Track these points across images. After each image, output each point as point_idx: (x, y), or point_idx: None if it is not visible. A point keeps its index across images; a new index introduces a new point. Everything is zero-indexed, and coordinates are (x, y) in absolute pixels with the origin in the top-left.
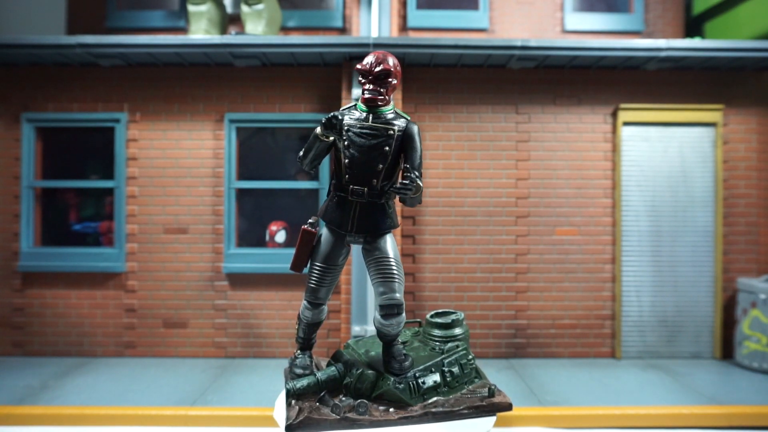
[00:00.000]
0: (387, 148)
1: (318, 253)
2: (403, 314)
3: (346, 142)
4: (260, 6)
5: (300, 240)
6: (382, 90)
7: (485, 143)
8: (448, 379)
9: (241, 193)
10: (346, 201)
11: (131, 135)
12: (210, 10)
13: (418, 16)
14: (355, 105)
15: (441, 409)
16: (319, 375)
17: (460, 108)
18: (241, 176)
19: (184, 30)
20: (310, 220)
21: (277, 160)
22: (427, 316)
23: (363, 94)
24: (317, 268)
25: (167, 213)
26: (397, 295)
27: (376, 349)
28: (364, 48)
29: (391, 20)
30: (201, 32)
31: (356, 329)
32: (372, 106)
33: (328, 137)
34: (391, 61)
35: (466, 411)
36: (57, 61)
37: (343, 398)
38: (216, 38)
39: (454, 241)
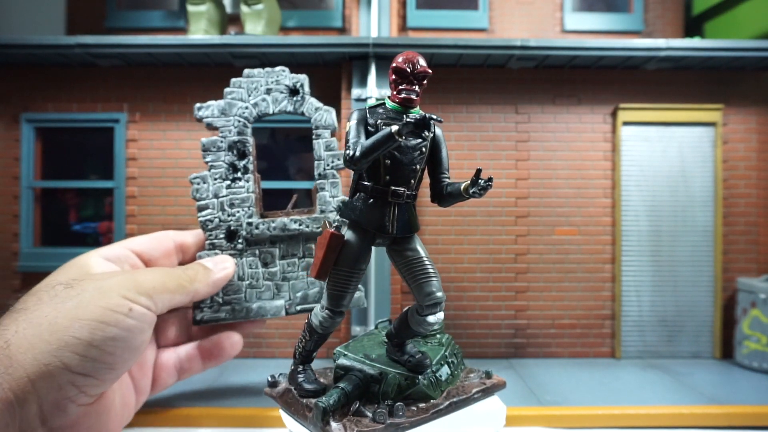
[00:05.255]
0: (424, 149)
1: (345, 258)
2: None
3: None
4: (260, 6)
5: (327, 245)
6: (418, 90)
7: (485, 143)
8: (452, 369)
9: None
10: (386, 202)
11: (131, 135)
12: (209, 11)
13: (417, 16)
14: (383, 104)
15: (459, 398)
16: (343, 386)
17: (459, 108)
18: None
19: (183, 30)
20: (335, 224)
21: (276, 160)
22: (404, 311)
23: (399, 93)
24: (344, 273)
25: (167, 213)
26: (440, 293)
27: (375, 351)
28: (363, 48)
29: (390, 20)
30: (200, 32)
31: (356, 329)
32: (408, 106)
33: (402, 137)
34: (425, 62)
35: (477, 395)
36: (56, 62)
37: (375, 406)
38: (216, 38)
39: (454, 241)
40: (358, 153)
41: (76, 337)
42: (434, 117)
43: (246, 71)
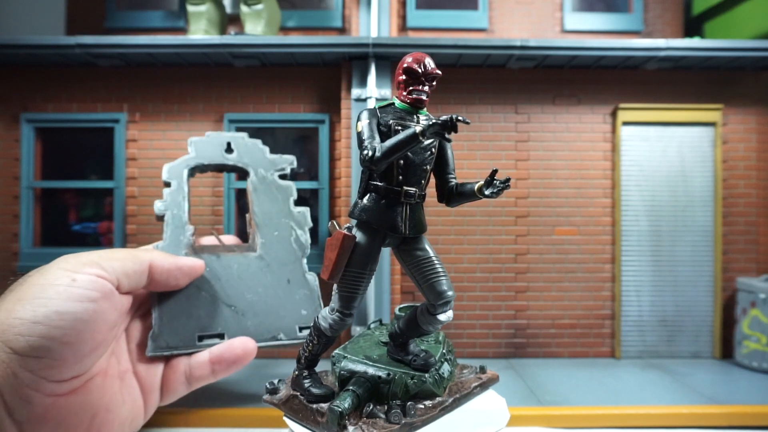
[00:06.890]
0: (434, 149)
1: (357, 259)
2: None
3: None
4: (259, 6)
5: (341, 246)
6: (428, 91)
7: (485, 143)
8: (450, 366)
9: (241, 193)
10: (398, 203)
11: (131, 135)
12: (209, 11)
13: (417, 16)
14: (392, 104)
15: (461, 393)
16: (354, 388)
17: (459, 108)
18: (241, 176)
19: (183, 30)
20: (347, 225)
21: None
22: (396, 309)
23: (409, 94)
24: (355, 274)
25: None
26: (451, 292)
27: (374, 351)
28: (363, 48)
29: (390, 20)
30: (200, 32)
31: (356, 330)
32: (419, 107)
33: (426, 138)
34: (434, 63)
35: (476, 390)
36: (56, 62)
37: (384, 406)
38: (215, 38)
39: (454, 241)
40: (378, 154)
41: (18, 318)
42: (461, 118)
43: None
